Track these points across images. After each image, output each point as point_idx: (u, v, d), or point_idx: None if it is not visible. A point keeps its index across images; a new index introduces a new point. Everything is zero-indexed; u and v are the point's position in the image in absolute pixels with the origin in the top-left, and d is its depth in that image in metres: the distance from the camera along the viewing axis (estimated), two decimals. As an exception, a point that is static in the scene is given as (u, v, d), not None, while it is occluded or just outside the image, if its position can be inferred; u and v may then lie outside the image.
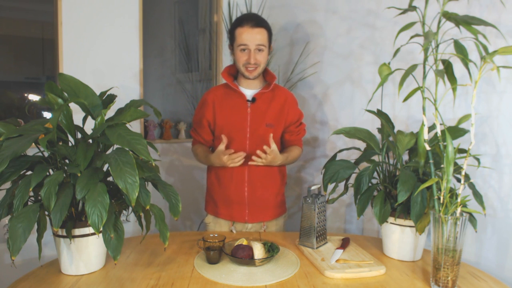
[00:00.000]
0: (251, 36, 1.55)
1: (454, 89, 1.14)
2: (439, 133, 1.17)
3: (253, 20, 1.57)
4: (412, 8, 1.23)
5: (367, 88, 1.92)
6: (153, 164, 1.27)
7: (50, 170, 1.13)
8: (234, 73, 1.72)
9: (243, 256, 1.24)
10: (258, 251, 1.26)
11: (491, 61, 1.03)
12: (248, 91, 1.67)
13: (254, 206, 1.67)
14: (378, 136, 1.53)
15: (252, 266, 1.24)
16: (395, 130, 1.43)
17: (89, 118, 1.24)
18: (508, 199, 1.38)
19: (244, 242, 1.32)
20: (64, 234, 1.12)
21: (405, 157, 1.51)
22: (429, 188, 1.22)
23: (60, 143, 1.19)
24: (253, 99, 1.64)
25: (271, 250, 1.30)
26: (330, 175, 1.42)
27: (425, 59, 1.19)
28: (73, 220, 1.13)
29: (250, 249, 1.26)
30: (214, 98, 1.68)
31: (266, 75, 1.70)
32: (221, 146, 1.55)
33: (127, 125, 1.16)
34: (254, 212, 1.68)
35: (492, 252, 1.42)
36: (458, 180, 1.30)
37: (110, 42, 2.24)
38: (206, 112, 1.68)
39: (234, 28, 1.60)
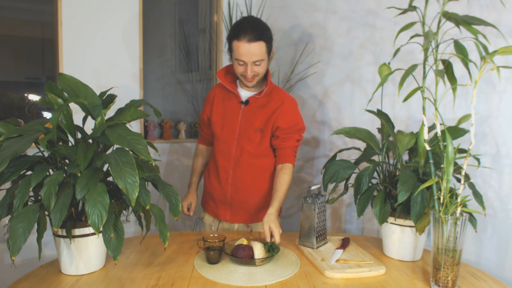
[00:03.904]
0: (248, 52, 1.47)
1: (454, 89, 1.14)
2: (439, 133, 1.17)
3: (250, 33, 1.46)
4: (412, 8, 1.23)
5: (367, 88, 1.92)
6: (153, 164, 1.27)
7: (50, 170, 1.13)
8: (233, 71, 1.67)
9: (243, 256, 1.24)
10: (258, 251, 1.26)
11: (491, 61, 1.03)
12: (245, 93, 1.64)
13: (236, 207, 1.65)
14: (378, 136, 1.53)
15: (252, 266, 1.24)
16: (395, 130, 1.43)
17: (89, 118, 1.24)
18: (508, 199, 1.38)
19: (245, 242, 1.32)
20: (64, 234, 1.12)
21: (405, 157, 1.51)
22: (429, 188, 1.23)
23: (60, 143, 1.19)
24: (247, 102, 1.61)
25: (271, 250, 1.30)
26: (330, 175, 1.42)
27: (425, 59, 1.19)
28: (73, 220, 1.13)
29: (250, 249, 1.27)
30: (214, 95, 1.69)
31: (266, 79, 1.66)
32: (187, 208, 1.72)
33: (127, 125, 1.16)
34: (236, 213, 1.66)
35: (492, 252, 1.42)
36: (458, 180, 1.30)
37: (110, 42, 2.24)
38: (206, 108, 1.71)
39: (232, 39, 1.51)
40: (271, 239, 1.39)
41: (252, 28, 1.47)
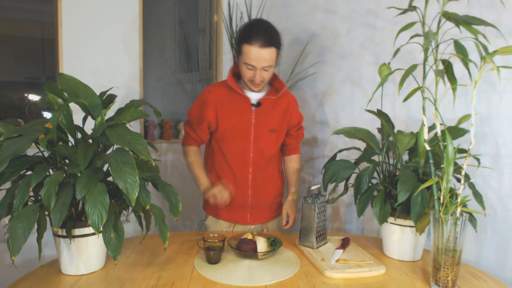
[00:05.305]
0: (258, 57, 1.44)
1: (454, 89, 1.14)
2: (439, 133, 1.17)
3: (262, 38, 1.43)
4: (412, 8, 1.23)
5: (367, 88, 1.92)
6: (153, 164, 1.27)
7: (50, 170, 1.13)
8: (238, 71, 1.62)
9: (247, 249, 1.29)
10: (261, 245, 1.31)
11: (491, 61, 1.03)
12: (253, 94, 1.60)
13: (256, 209, 1.67)
14: (378, 136, 1.53)
15: (255, 259, 1.29)
16: (395, 130, 1.43)
17: (89, 118, 1.24)
18: (508, 199, 1.38)
19: (249, 237, 1.37)
20: (64, 234, 1.12)
21: (405, 157, 1.51)
22: (429, 188, 1.22)
23: (60, 143, 1.19)
24: (258, 104, 1.59)
25: (274, 244, 1.34)
26: (330, 175, 1.42)
27: (425, 59, 1.19)
28: (73, 220, 1.13)
29: (254, 243, 1.31)
30: (216, 100, 1.59)
31: (272, 80, 1.64)
32: (225, 195, 1.55)
33: (127, 125, 1.16)
34: (256, 214, 1.68)
35: (492, 252, 1.42)
36: (458, 180, 1.30)
37: (110, 42, 2.24)
38: (208, 114, 1.58)
39: (242, 42, 1.47)
40: (287, 223, 1.62)
41: (264, 33, 1.45)
